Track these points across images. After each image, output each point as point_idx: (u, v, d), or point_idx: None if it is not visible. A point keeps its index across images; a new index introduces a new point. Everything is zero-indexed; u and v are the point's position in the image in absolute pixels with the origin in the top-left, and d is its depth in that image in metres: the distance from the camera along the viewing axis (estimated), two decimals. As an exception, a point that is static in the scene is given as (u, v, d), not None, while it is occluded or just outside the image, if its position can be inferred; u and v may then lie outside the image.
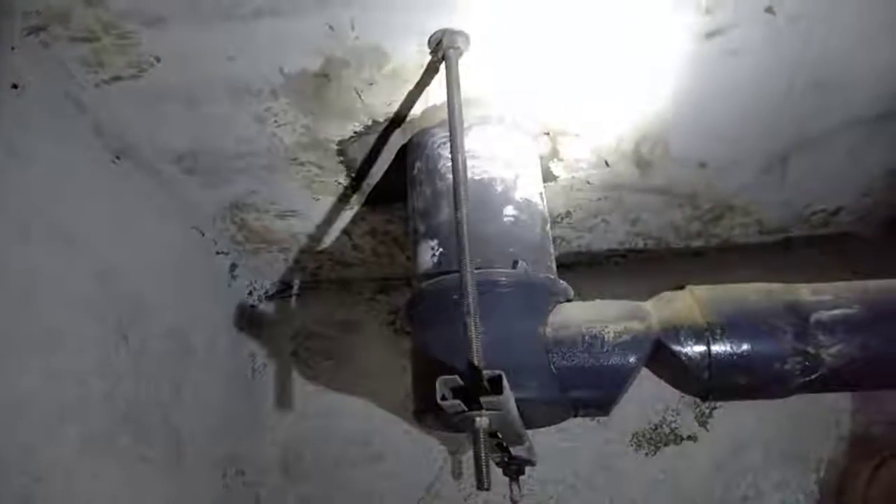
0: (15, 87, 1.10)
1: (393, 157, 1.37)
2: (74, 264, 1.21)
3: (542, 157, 1.37)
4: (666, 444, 1.76)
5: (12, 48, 1.07)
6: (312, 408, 1.87)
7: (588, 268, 1.92)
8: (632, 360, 1.10)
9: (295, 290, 2.03)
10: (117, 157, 1.36)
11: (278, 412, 1.87)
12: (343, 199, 1.55)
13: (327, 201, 1.55)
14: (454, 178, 1.03)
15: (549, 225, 1.29)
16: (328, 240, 1.76)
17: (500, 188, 1.21)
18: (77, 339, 1.18)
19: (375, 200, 1.55)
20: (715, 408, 1.77)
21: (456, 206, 1.01)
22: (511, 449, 1.20)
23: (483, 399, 0.86)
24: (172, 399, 1.47)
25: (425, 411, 1.10)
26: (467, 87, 1.15)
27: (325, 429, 1.84)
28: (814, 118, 1.33)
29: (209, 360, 1.67)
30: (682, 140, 1.37)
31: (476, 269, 1.01)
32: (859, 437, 1.72)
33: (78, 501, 1.13)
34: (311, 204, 1.57)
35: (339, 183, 1.48)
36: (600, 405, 1.13)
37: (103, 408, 1.22)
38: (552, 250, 1.28)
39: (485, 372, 0.88)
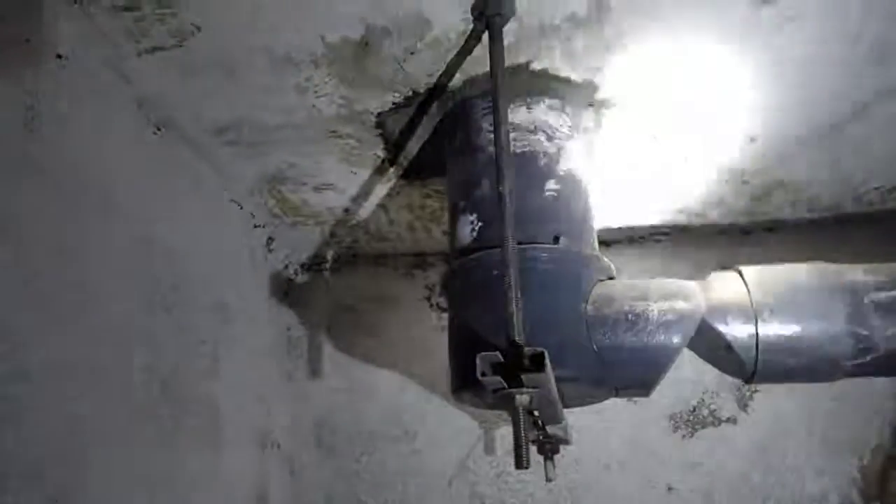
0: (59, 56, 1.10)
1: (432, 129, 1.35)
2: (117, 233, 1.22)
3: (585, 130, 1.34)
4: (704, 427, 1.73)
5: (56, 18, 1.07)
6: (347, 381, 1.88)
7: (630, 245, 1.88)
8: (676, 339, 1.08)
9: (331, 263, 2.03)
10: (158, 129, 1.37)
11: (313, 385, 1.89)
12: (380, 173, 1.53)
13: (364, 174, 1.54)
14: (497, 150, 1.00)
15: (591, 199, 1.26)
16: (364, 213, 1.75)
17: (542, 161, 1.19)
18: (120, 307, 1.19)
19: (413, 174, 1.53)
20: (756, 391, 1.73)
21: (499, 180, 0.99)
22: (547, 427, 1.19)
23: (524, 376, 0.84)
24: (211, 370, 1.48)
25: (463, 388, 1.10)
26: (511, 57, 1.12)
27: (360, 403, 1.85)
28: (871, 89, 1.27)
29: (247, 332, 1.68)
30: (731, 112, 1.32)
31: (517, 244, 0.99)
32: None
33: (120, 471, 1.14)
34: (348, 177, 1.56)
35: (377, 156, 1.46)
36: (641, 385, 1.11)
37: (145, 377, 1.23)
38: (594, 226, 1.25)
39: (527, 349, 0.86)
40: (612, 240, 1.89)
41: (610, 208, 1.70)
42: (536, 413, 1.05)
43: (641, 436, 1.73)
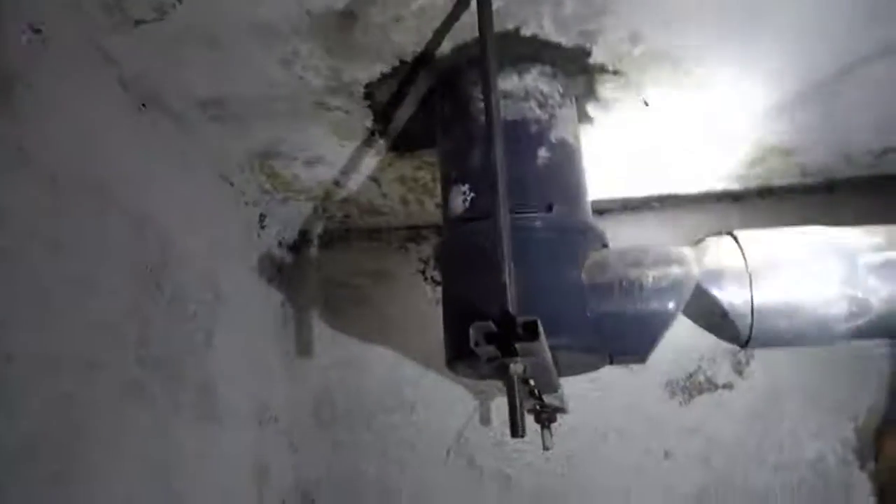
0: (37, 31, 1.08)
1: (421, 99, 1.33)
2: (104, 213, 1.20)
3: (577, 98, 1.32)
4: (700, 393, 1.74)
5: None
6: (343, 356, 1.88)
7: (623, 212, 1.88)
8: (671, 305, 1.08)
9: (324, 238, 2.02)
10: (143, 105, 1.34)
11: (309, 360, 1.89)
12: (370, 146, 1.51)
13: (354, 148, 1.52)
14: (487, 118, 0.99)
15: (584, 166, 1.25)
16: (356, 188, 1.74)
17: (534, 129, 1.17)
18: (110, 287, 1.18)
19: (404, 146, 1.51)
20: (752, 356, 1.74)
21: (490, 148, 0.97)
22: (543, 396, 1.19)
23: (518, 345, 0.84)
24: (205, 347, 1.48)
25: (458, 358, 1.09)
26: (500, 23, 1.10)
27: (356, 377, 1.86)
28: (864, 50, 1.25)
29: (241, 309, 1.68)
30: (725, 76, 1.30)
31: (509, 213, 0.98)
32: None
33: (115, 450, 1.14)
34: (338, 151, 1.54)
35: (367, 128, 1.44)
36: (637, 352, 1.11)
37: (137, 355, 1.23)
38: (588, 193, 1.24)
39: (519, 318, 0.86)
40: (606, 208, 1.88)
41: (603, 176, 1.69)
42: (532, 382, 1.05)
43: (638, 403, 1.74)
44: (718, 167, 1.67)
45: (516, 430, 0.84)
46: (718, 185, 1.77)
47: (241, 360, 1.64)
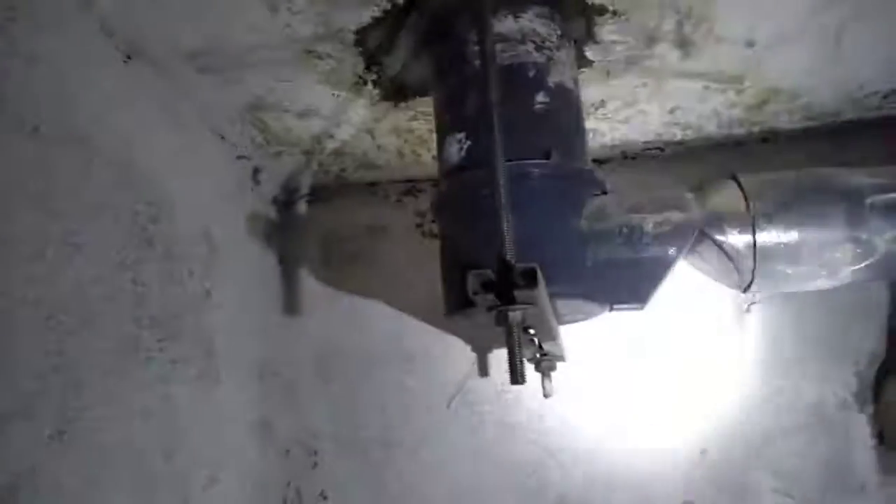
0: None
1: (415, 45, 1.29)
2: (91, 167, 1.18)
3: (576, 41, 1.28)
4: (703, 338, 1.74)
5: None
6: (342, 310, 1.87)
7: (624, 161, 1.85)
8: (672, 251, 1.06)
9: (320, 193, 1.99)
10: (128, 57, 1.30)
11: (308, 315, 1.88)
12: (363, 95, 1.47)
13: (346, 98, 1.48)
14: (482, 62, 0.95)
15: (583, 113, 1.22)
16: (351, 140, 1.70)
17: (531, 73, 1.13)
18: (100, 244, 1.16)
19: (397, 95, 1.47)
20: (753, 302, 1.73)
21: (485, 94, 0.94)
22: (543, 345, 1.18)
23: (516, 293, 0.82)
24: (203, 302, 1.47)
25: (456, 309, 1.08)
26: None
27: (355, 331, 1.85)
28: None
29: (238, 265, 1.66)
30: (728, 16, 1.26)
31: (506, 160, 0.96)
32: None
33: (114, 407, 1.14)
34: (330, 101, 1.50)
35: (359, 77, 1.40)
36: (637, 299, 1.09)
37: (133, 312, 1.22)
38: (587, 140, 1.21)
39: (518, 265, 0.84)
40: (606, 157, 1.85)
41: (603, 123, 1.65)
42: (532, 331, 1.04)
43: (639, 350, 1.74)
44: (721, 112, 1.63)
45: (516, 377, 0.83)
46: (721, 131, 1.73)
47: (239, 316, 1.64)
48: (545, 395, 1.30)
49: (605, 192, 1.17)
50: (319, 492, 1.78)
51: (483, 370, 1.49)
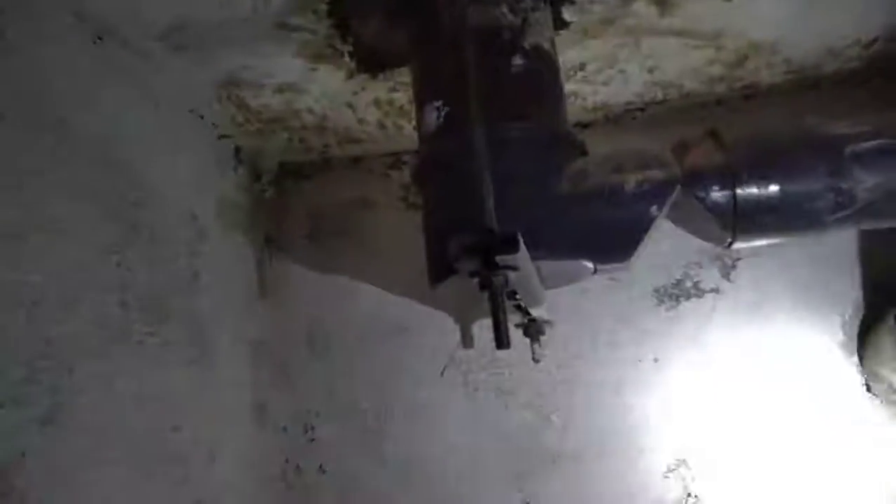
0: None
1: (388, 12, 1.27)
2: (70, 153, 1.17)
3: (551, 2, 1.26)
4: (688, 299, 1.75)
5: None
6: (331, 286, 1.87)
7: (606, 124, 1.84)
8: (653, 209, 1.06)
9: (302, 170, 1.98)
10: (99, 38, 1.28)
11: (299, 292, 1.88)
12: (340, 68, 1.45)
13: (325, 71, 1.47)
14: (455, 26, 0.95)
15: (561, 74, 1.21)
16: (331, 115, 1.69)
17: (506, 36, 1.12)
18: (83, 230, 1.16)
19: (375, 66, 1.45)
20: (739, 259, 1.74)
21: (460, 59, 0.94)
22: (530, 310, 1.19)
23: (498, 257, 0.83)
24: (191, 284, 1.47)
25: (440, 278, 1.08)
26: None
27: (346, 306, 1.86)
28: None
29: (224, 245, 1.66)
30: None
31: (485, 125, 0.95)
32: (883, 281, 1.69)
33: (106, 390, 1.15)
34: (307, 75, 1.48)
35: (335, 48, 1.38)
36: (620, 259, 1.09)
37: (120, 297, 1.21)
38: (566, 101, 1.20)
39: (499, 229, 0.84)
40: (589, 120, 1.84)
41: (583, 85, 1.64)
42: (517, 296, 1.05)
43: (627, 312, 1.75)
44: (701, 69, 1.62)
45: (501, 342, 0.84)
46: (702, 89, 1.72)
47: (228, 297, 1.64)
48: (534, 360, 1.31)
49: (585, 153, 1.17)
50: (318, 466, 1.80)
51: (469, 340, 1.50)
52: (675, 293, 1.75)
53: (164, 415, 1.29)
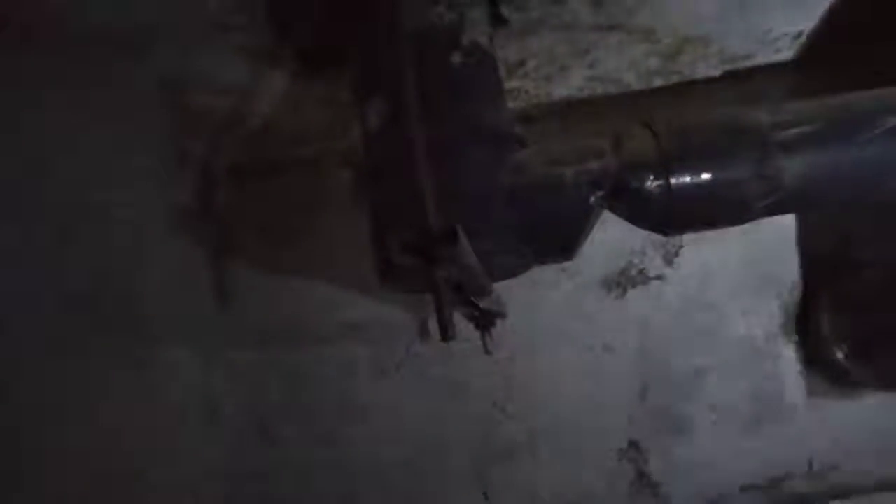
0: None
1: (327, 10, 1.27)
2: (5, 163, 1.14)
3: (488, -1, 1.28)
4: (634, 286, 1.79)
5: None
6: (283, 289, 1.86)
7: (550, 118, 1.87)
8: (591, 200, 1.09)
9: (251, 172, 1.95)
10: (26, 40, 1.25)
11: (249, 296, 1.86)
12: (282, 68, 1.45)
13: (265, 72, 1.46)
14: (392, 24, 0.95)
15: (501, 70, 1.23)
16: (277, 116, 1.68)
17: (444, 33, 1.14)
18: (18, 245, 1.13)
19: (318, 65, 1.46)
20: (681, 246, 1.79)
21: (397, 57, 0.95)
22: (479, 302, 1.21)
23: (438, 252, 0.84)
24: (136, 291, 1.45)
25: (387, 274, 1.09)
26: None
27: (298, 306, 1.85)
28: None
29: (171, 249, 1.63)
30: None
31: (425, 122, 0.96)
32: (819, 262, 1.76)
33: (51, 389, 1.12)
34: (249, 77, 1.48)
35: (277, 49, 1.38)
36: (563, 251, 1.12)
37: (62, 304, 1.19)
38: (506, 97, 1.22)
39: (438, 225, 0.86)
40: (533, 115, 1.87)
41: (526, 81, 1.67)
42: (464, 290, 1.06)
43: (575, 301, 1.79)
44: (639, 62, 1.66)
45: (445, 334, 0.85)
46: (641, 82, 1.76)
47: (177, 301, 1.61)
48: (487, 352, 1.33)
49: (524, 147, 1.19)
50: (275, 469, 1.79)
51: (425, 333, 1.51)
52: (622, 281, 1.79)
53: (113, 426, 1.27)
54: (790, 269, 1.77)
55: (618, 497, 1.75)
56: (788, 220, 1.75)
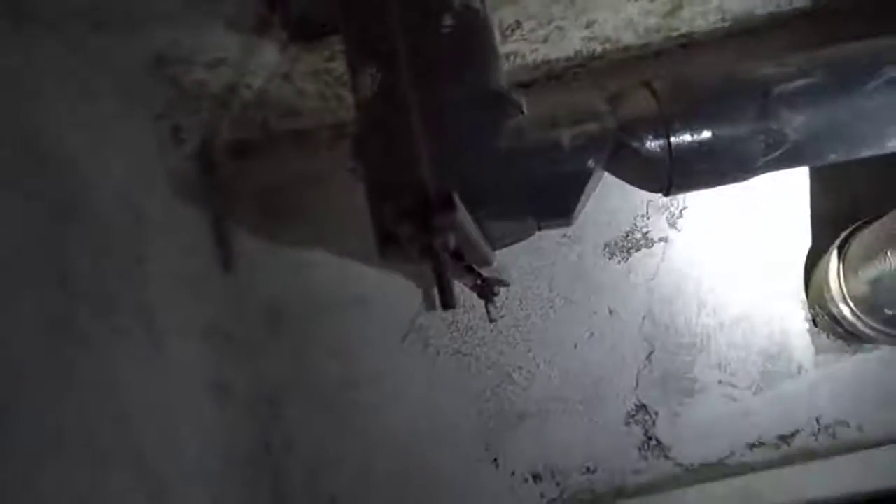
0: None
1: (315, -21, 1.25)
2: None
3: (479, -42, 1.25)
4: (638, 250, 1.78)
5: None
6: (285, 262, 1.86)
7: (547, 82, 1.84)
8: (590, 163, 1.07)
9: (247, 148, 1.94)
10: (18, 23, 1.23)
11: (252, 271, 1.86)
12: (272, 38, 1.42)
13: (255, 43, 1.43)
14: (380, -12, 0.93)
15: (495, 33, 1.20)
16: (270, 88, 1.65)
17: (434, -3, 1.11)
18: (15, 221, 1.12)
19: (307, 35, 1.43)
20: (685, 207, 1.78)
21: (389, 21, 0.92)
22: (481, 271, 1.20)
23: (435, 219, 0.83)
24: (136, 271, 1.44)
25: (386, 244, 1.08)
26: None
27: (302, 281, 1.85)
28: None
29: (169, 229, 1.62)
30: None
31: (419, 87, 0.94)
32: (828, 217, 1.74)
33: (54, 386, 1.12)
34: (239, 49, 1.45)
35: (265, 18, 1.35)
36: (562, 214, 1.11)
37: (60, 290, 1.18)
38: (501, 60, 1.20)
39: (434, 191, 0.84)
40: (531, 79, 1.84)
41: (522, 44, 1.64)
42: (465, 259, 1.05)
43: (580, 267, 1.78)
44: (637, 21, 1.63)
45: (446, 302, 0.84)
46: (639, 41, 1.73)
47: (178, 281, 1.61)
48: (490, 320, 1.33)
49: (522, 111, 1.17)
50: (285, 443, 1.80)
51: (430, 304, 1.50)
52: (626, 245, 1.78)
53: (118, 405, 1.28)
54: (797, 228, 1.75)
55: (627, 460, 1.76)
56: (795, 179, 1.73)
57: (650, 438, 1.76)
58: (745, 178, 1.13)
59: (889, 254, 1.47)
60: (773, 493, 1.69)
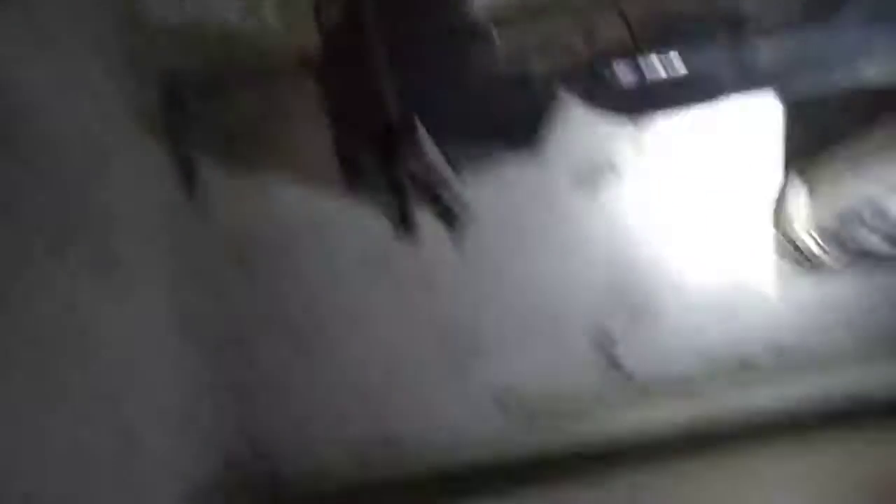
0: None
1: None
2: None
3: None
4: (605, 178, 1.78)
5: None
6: (251, 198, 1.82)
7: (522, 17, 1.78)
8: (560, 89, 1.07)
9: (212, 85, 1.88)
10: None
11: (217, 208, 1.83)
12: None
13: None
14: None
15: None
16: (234, 21, 1.61)
17: (396, -84, 1.07)
18: None
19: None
20: (654, 136, 1.76)
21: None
22: (445, 199, 1.20)
23: (397, 145, 0.82)
24: (98, 210, 1.41)
25: (350, 172, 1.08)
26: None
27: (268, 215, 1.82)
28: None
29: (133, 172, 1.59)
30: None
31: (386, 17, 0.92)
32: (794, 150, 1.76)
33: (10, 324, 1.11)
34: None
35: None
36: (531, 141, 1.11)
37: (20, 225, 1.16)
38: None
39: (396, 117, 0.83)
40: (511, 18, 1.78)
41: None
42: (429, 185, 1.06)
43: (546, 195, 1.77)
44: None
45: (406, 228, 0.85)
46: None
47: (143, 218, 1.59)
48: (455, 248, 1.34)
49: (493, 43, 1.15)
50: (253, 378, 1.82)
51: (395, 231, 1.49)
52: (592, 174, 1.77)
53: (81, 346, 1.27)
54: (766, 157, 1.76)
55: (590, 385, 1.82)
56: (763, 110, 1.72)
57: (614, 363, 1.81)
58: (715, 101, 1.14)
59: (853, 182, 1.50)
60: (732, 414, 1.77)
